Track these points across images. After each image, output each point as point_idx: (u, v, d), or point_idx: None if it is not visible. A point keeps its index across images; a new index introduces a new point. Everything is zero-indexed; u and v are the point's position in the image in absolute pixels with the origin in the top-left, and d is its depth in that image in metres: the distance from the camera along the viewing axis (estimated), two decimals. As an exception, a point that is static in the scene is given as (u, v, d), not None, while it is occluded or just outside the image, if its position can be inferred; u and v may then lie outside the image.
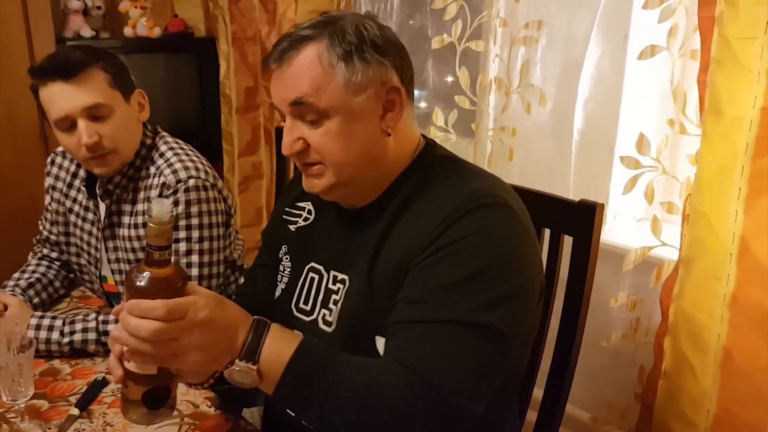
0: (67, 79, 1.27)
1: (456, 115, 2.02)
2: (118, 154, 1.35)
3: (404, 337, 0.88)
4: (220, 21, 2.81)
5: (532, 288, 0.92)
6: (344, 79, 0.90)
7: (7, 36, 2.32)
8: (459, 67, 1.96)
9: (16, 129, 2.39)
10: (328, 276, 1.04)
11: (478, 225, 0.88)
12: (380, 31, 0.93)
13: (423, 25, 2.07)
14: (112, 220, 1.44)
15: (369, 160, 0.96)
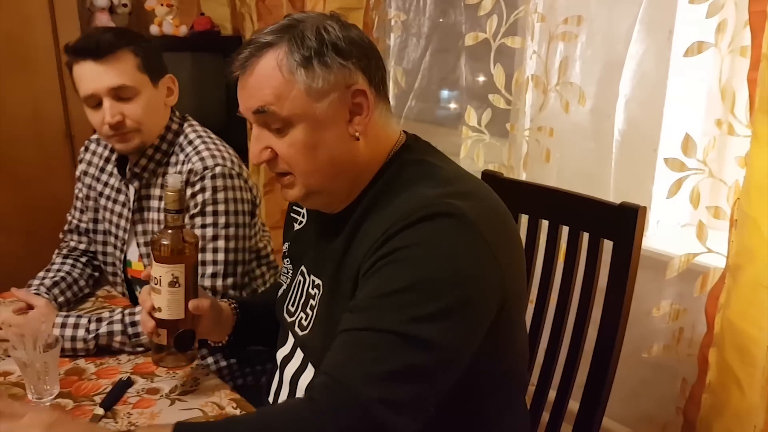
0: (97, 59, 1.36)
1: (490, 115, 2.02)
2: (140, 134, 1.43)
3: (336, 347, 0.89)
4: (246, 19, 2.85)
5: (478, 305, 0.89)
6: (305, 85, 0.90)
7: (34, 34, 2.39)
8: (494, 65, 1.95)
9: (42, 128, 2.46)
10: (309, 280, 1.07)
11: (422, 236, 0.87)
12: (343, 32, 0.93)
13: (456, 22, 2.07)
14: (141, 204, 1.51)
15: (338, 167, 0.96)
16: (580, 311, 1.26)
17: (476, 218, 0.88)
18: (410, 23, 2.23)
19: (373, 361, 0.84)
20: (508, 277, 0.93)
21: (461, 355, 0.89)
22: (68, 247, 1.68)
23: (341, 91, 0.92)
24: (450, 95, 2.28)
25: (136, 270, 1.58)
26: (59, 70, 2.45)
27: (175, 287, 1.04)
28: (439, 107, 2.35)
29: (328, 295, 1.01)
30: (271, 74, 0.91)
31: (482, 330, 0.90)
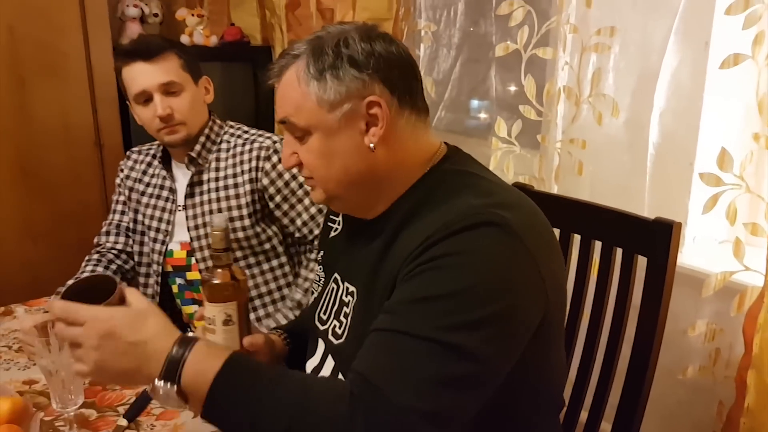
0: (147, 60, 1.57)
1: (520, 126, 2.02)
2: (186, 126, 1.62)
3: (367, 345, 0.89)
4: (276, 29, 2.90)
5: (520, 316, 0.89)
6: (317, 97, 0.95)
7: (65, 43, 2.45)
8: (524, 76, 1.96)
9: (71, 136, 2.51)
10: (342, 287, 1.09)
11: (465, 244, 0.87)
12: (364, 45, 0.96)
13: (487, 32, 2.08)
14: (194, 190, 1.69)
15: (354, 176, 0.99)
16: (614, 329, 1.26)
17: (520, 229, 0.89)
18: (440, 34, 2.25)
19: (411, 368, 0.84)
20: (550, 290, 0.93)
21: (500, 367, 0.89)
22: (100, 252, 1.77)
23: (355, 102, 0.95)
24: (480, 106, 2.29)
25: (177, 258, 1.72)
26: (89, 79, 2.51)
27: (229, 325, 1.07)
28: (469, 118, 2.36)
29: (363, 303, 1.02)
30: (291, 86, 0.97)
31: (523, 342, 0.91)
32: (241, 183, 1.65)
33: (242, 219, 1.65)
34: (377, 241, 1.00)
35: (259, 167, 1.64)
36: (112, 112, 2.59)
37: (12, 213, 2.42)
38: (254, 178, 1.64)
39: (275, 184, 1.64)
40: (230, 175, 1.66)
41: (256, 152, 1.65)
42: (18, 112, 2.39)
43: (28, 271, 2.40)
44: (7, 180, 2.40)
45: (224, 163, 1.67)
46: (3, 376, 1.32)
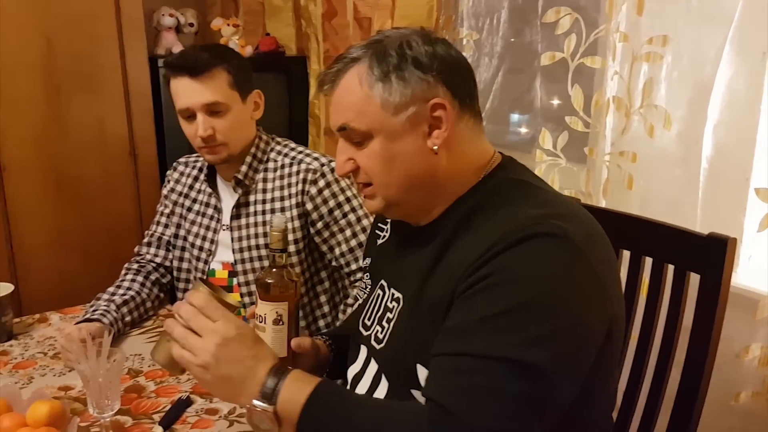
0: (193, 76, 1.55)
1: (566, 138, 2.02)
2: (227, 147, 1.62)
3: (437, 371, 0.91)
4: (312, 39, 2.95)
5: (586, 329, 0.90)
6: (381, 99, 0.98)
7: (101, 54, 2.53)
8: (571, 85, 1.96)
9: (106, 148, 2.59)
10: (388, 293, 1.11)
11: (524, 257, 0.88)
12: (427, 47, 0.98)
13: (532, 41, 2.09)
14: (240, 211, 1.69)
15: (415, 179, 1.01)
16: (663, 351, 1.25)
17: (580, 241, 0.90)
18: (483, 42, 2.26)
19: (483, 390, 0.85)
20: (614, 302, 0.95)
21: (571, 384, 0.89)
22: (140, 263, 1.80)
23: (419, 105, 0.98)
24: (523, 117, 2.29)
25: (219, 278, 1.73)
26: (125, 90, 2.59)
27: (279, 325, 1.12)
28: (512, 129, 2.36)
29: (409, 309, 1.03)
30: (352, 89, 1.00)
31: (591, 356, 0.91)
32: (288, 207, 1.66)
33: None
34: (429, 247, 1.02)
35: (305, 191, 1.64)
36: (147, 122, 2.66)
37: (47, 223, 2.50)
38: (300, 202, 1.65)
39: (318, 210, 1.65)
40: (277, 198, 1.67)
41: (303, 174, 1.65)
42: (54, 122, 2.48)
43: (62, 281, 2.47)
44: (42, 190, 2.48)
45: (271, 184, 1.68)
46: (39, 381, 1.37)
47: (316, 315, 1.76)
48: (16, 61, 2.37)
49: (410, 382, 1.00)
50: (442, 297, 0.95)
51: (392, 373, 1.06)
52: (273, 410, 0.91)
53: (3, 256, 2.42)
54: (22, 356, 1.48)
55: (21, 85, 2.39)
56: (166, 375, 1.38)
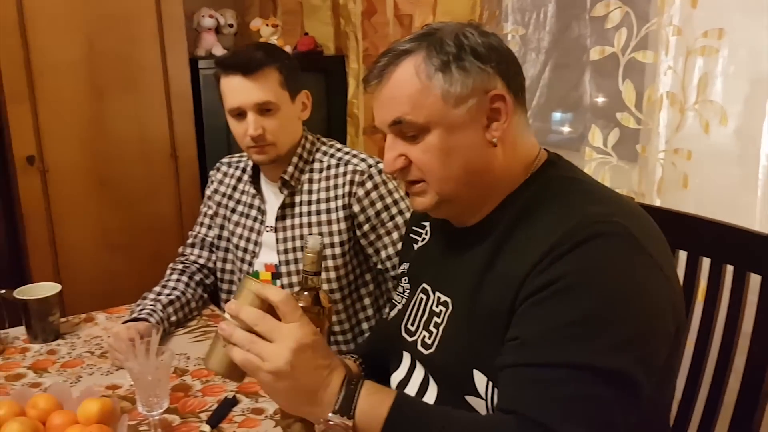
0: (246, 75, 1.57)
1: (617, 135, 1.99)
2: (275, 147, 1.63)
3: (515, 382, 0.89)
4: (351, 38, 2.95)
5: (660, 329, 0.89)
6: (442, 90, 0.96)
7: (142, 55, 2.58)
8: (622, 81, 1.93)
9: (147, 148, 2.63)
10: (433, 297, 1.09)
11: (589, 258, 0.87)
12: (482, 38, 0.97)
13: (581, 35, 2.06)
14: (285, 212, 1.70)
15: (472, 174, 0.99)
16: (721, 357, 1.22)
17: (642, 238, 0.90)
18: (529, 37, 2.24)
19: (573, 400, 0.84)
20: (678, 301, 0.94)
21: (650, 385, 0.88)
22: (184, 263, 1.83)
23: (479, 96, 0.96)
24: (572, 114, 2.27)
25: (263, 279, 1.73)
26: (166, 91, 2.63)
27: None
28: (560, 127, 2.34)
29: (461, 313, 1.02)
30: (408, 81, 0.97)
31: (665, 355, 0.91)
32: (334, 209, 1.66)
33: (333, 247, 1.66)
34: (479, 248, 1.01)
35: (352, 193, 1.64)
36: (188, 123, 2.70)
37: (90, 224, 2.55)
38: (347, 204, 1.65)
39: (365, 212, 1.65)
40: (323, 199, 1.68)
41: (350, 176, 1.65)
42: (96, 123, 2.53)
43: (106, 281, 2.52)
44: (85, 191, 2.53)
45: (317, 185, 1.69)
46: (87, 380, 1.39)
47: (360, 317, 1.76)
48: (58, 62, 2.42)
49: (465, 388, 0.99)
50: (501, 302, 0.93)
51: (443, 379, 1.05)
52: (352, 424, 0.88)
53: (47, 256, 2.47)
54: (69, 355, 1.51)
55: (63, 86, 2.44)
56: (211, 374, 1.40)
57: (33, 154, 2.39)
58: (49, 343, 1.56)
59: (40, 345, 1.55)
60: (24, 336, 1.58)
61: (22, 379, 1.41)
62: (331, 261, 1.67)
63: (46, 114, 2.41)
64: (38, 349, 1.54)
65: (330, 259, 1.66)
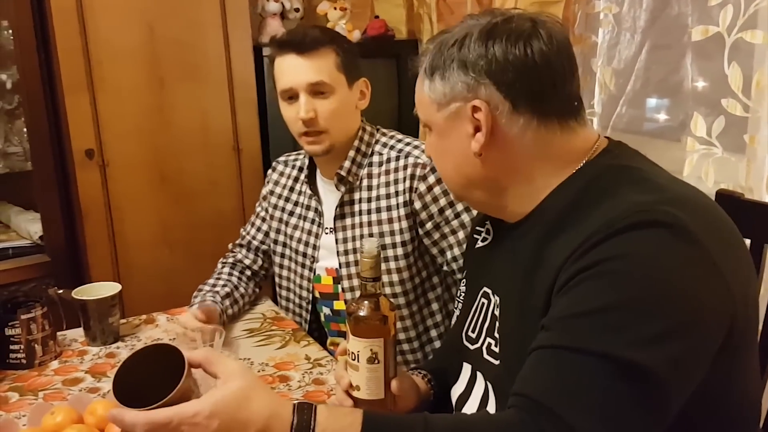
0: (300, 53, 1.58)
1: (722, 124, 1.91)
2: (329, 135, 1.62)
3: (532, 364, 0.91)
4: (425, 20, 2.93)
5: (701, 328, 0.87)
6: (428, 96, 1.07)
7: (205, 42, 2.61)
8: (728, 64, 1.85)
9: (209, 140, 2.67)
10: (494, 300, 1.10)
11: (631, 246, 0.87)
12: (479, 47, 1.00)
13: (681, 13, 2.00)
14: (344, 210, 1.69)
15: (465, 178, 1.08)
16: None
17: (696, 228, 0.88)
18: (623, 16, 2.18)
19: (586, 388, 0.85)
20: (737, 298, 0.90)
21: (683, 387, 0.87)
22: (235, 259, 1.87)
23: (459, 105, 1.03)
24: (671, 100, 2.19)
25: (325, 284, 1.73)
26: (229, 79, 2.66)
27: (374, 364, 1.08)
28: (657, 115, 2.27)
29: (516, 315, 1.02)
30: (419, 82, 1.09)
31: (706, 358, 0.88)
32: (395, 206, 1.62)
33: (395, 248, 1.63)
34: (525, 244, 1.02)
35: (413, 188, 1.60)
36: (251, 114, 2.72)
37: (151, 220, 2.60)
38: (408, 200, 1.61)
39: (428, 209, 1.60)
40: (383, 195, 1.65)
41: (410, 170, 1.61)
42: (157, 114, 2.57)
43: (165, 279, 2.56)
44: (146, 185, 2.58)
45: (377, 180, 1.66)
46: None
47: (428, 324, 1.73)
48: (118, 50, 2.46)
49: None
50: (542, 296, 0.94)
51: (502, 391, 1.04)
52: None
53: (106, 254, 2.53)
54: (129, 358, 1.53)
55: (123, 75, 2.48)
56: (276, 381, 1.41)
57: (92, 147, 2.44)
58: (108, 346, 1.60)
59: (98, 348, 1.59)
60: (82, 338, 1.62)
61: (80, 383, 1.44)
62: (393, 263, 1.64)
63: (105, 105, 2.46)
64: (97, 351, 1.57)
65: (392, 261, 1.64)
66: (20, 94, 2.48)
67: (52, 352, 1.54)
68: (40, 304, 1.52)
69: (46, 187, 2.49)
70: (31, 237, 2.56)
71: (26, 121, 2.46)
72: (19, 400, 1.37)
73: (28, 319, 1.49)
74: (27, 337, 1.49)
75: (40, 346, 1.51)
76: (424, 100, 1.07)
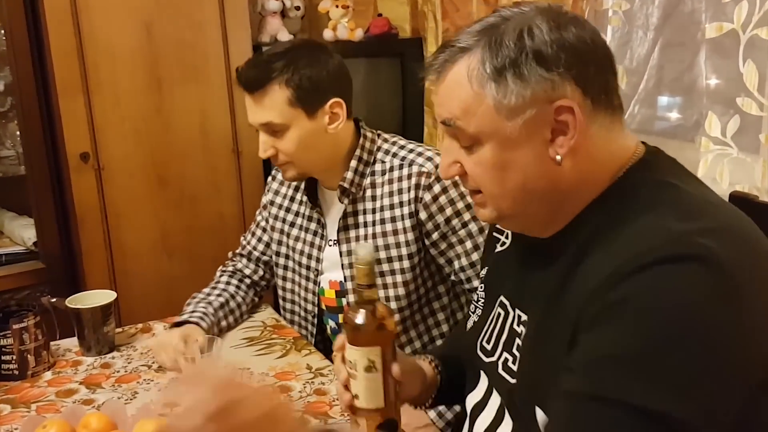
0: (249, 93, 1.57)
1: (738, 123, 1.90)
2: (293, 166, 1.61)
3: (559, 412, 0.88)
4: (429, 18, 2.92)
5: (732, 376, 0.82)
6: (494, 101, 0.91)
7: (204, 42, 2.60)
8: (743, 62, 1.84)
9: (209, 143, 2.66)
10: (513, 314, 1.06)
11: (660, 283, 0.82)
12: (553, 35, 0.90)
13: (695, 10, 2.00)
14: (347, 222, 1.67)
15: (533, 193, 0.96)
16: None
17: (735, 267, 0.82)
18: (634, 13, 2.18)
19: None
20: None
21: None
22: (234, 267, 1.85)
23: (540, 108, 0.91)
24: (684, 99, 2.19)
25: (328, 298, 1.72)
26: (228, 80, 2.64)
27: (372, 372, 1.06)
28: (670, 114, 2.27)
29: (536, 336, 0.99)
30: (460, 84, 0.94)
31: (734, 407, 0.84)
32: (400, 217, 1.61)
33: (401, 260, 1.62)
34: (556, 263, 0.97)
35: (418, 198, 1.58)
36: (251, 116, 2.71)
37: (149, 225, 2.59)
38: (413, 211, 1.59)
39: (434, 220, 1.58)
40: (387, 206, 1.62)
41: (415, 179, 1.58)
42: (154, 116, 2.56)
43: (164, 288, 2.55)
44: (143, 189, 2.57)
45: (380, 190, 1.64)
46: (143, 396, 1.41)
47: (434, 335, 1.71)
48: (114, 51, 2.45)
49: (531, 428, 0.95)
50: (566, 324, 0.90)
51: (516, 412, 1.02)
52: None
53: (102, 261, 2.53)
54: (125, 369, 1.53)
55: (119, 76, 2.47)
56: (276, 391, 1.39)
57: (87, 150, 2.43)
58: (103, 356, 1.59)
59: (93, 358, 1.58)
60: (76, 348, 1.61)
61: (74, 395, 1.43)
62: (399, 276, 1.62)
63: (101, 107, 2.45)
64: (91, 362, 1.57)
65: (399, 274, 1.62)
66: (13, 97, 2.48)
67: (46, 363, 1.53)
68: (33, 313, 1.51)
69: (40, 192, 2.48)
70: (25, 243, 2.56)
71: (19, 124, 2.46)
72: (11, 413, 1.37)
73: (21, 328, 1.48)
74: (19, 348, 1.48)
75: (32, 357, 1.50)
76: (483, 107, 0.92)
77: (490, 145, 0.94)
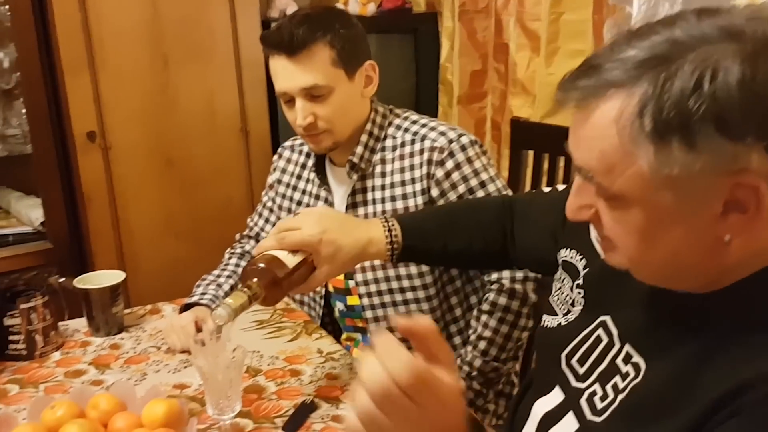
0: (290, 56, 1.51)
1: None
2: (332, 134, 1.58)
3: None
4: (445, -8, 2.92)
5: None
6: (649, 167, 0.74)
7: (211, 19, 2.61)
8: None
9: (216, 123, 2.67)
10: (620, 348, 0.94)
11: None
12: (747, 89, 0.69)
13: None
14: (356, 199, 1.66)
15: (685, 270, 0.82)
16: None
17: None
18: None
19: None
20: None
21: None
22: (243, 249, 1.86)
23: (713, 181, 0.73)
24: None
25: (336, 279, 1.70)
26: (236, 59, 2.66)
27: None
28: None
29: (649, 391, 0.86)
30: (606, 133, 0.76)
31: None
32: (411, 194, 1.59)
33: None
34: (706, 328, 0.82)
35: (430, 174, 1.56)
36: (260, 94, 2.73)
37: (155, 208, 2.62)
38: (425, 188, 1.57)
39: (446, 197, 1.56)
40: (398, 182, 1.61)
41: (427, 155, 1.56)
42: (161, 95, 2.58)
43: (171, 269, 2.58)
44: (150, 170, 2.60)
45: (390, 166, 1.62)
46: (153, 378, 1.43)
47: (447, 319, 1.69)
48: (119, 27, 2.47)
49: None
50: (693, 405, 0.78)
51: None
52: None
53: (110, 242, 2.56)
54: (134, 350, 1.55)
55: (125, 54, 2.49)
56: (287, 375, 1.41)
57: (94, 130, 2.46)
58: (111, 337, 1.61)
59: (102, 339, 1.60)
60: (85, 329, 1.63)
61: (83, 376, 1.45)
62: (414, 267, 1.61)
63: (107, 85, 2.47)
64: (100, 343, 1.59)
65: (413, 265, 1.61)
66: (18, 74, 2.50)
67: (54, 343, 1.56)
68: (41, 293, 1.53)
69: (47, 172, 2.51)
70: (32, 223, 2.59)
71: (25, 102, 2.48)
72: (19, 393, 1.39)
73: (28, 308, 1.50)
74: (27, 328, 1.50)
75: (41, 337, 1.52)
76: (633, 168, 0.75)
77: (637, 210, 0.78)
